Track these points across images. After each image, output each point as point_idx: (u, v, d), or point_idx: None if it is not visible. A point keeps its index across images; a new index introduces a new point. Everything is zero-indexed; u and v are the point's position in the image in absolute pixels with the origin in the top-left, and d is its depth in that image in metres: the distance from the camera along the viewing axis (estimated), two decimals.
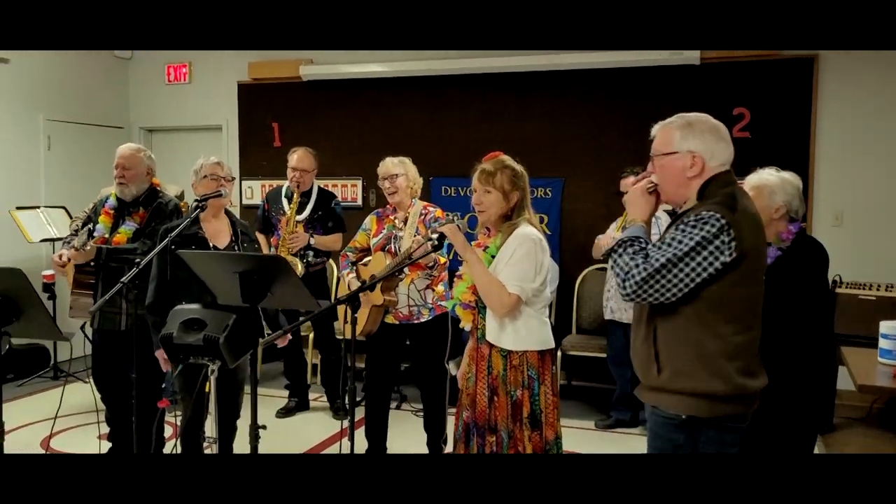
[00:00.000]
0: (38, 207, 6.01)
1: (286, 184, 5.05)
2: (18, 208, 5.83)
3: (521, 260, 2.77)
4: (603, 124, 5.78)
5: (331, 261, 5.35)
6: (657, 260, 2.05)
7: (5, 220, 5.60)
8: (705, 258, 2.02)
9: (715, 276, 2.04)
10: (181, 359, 2.75)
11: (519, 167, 2.89)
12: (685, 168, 2.15)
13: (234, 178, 3.66)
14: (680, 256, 2.03)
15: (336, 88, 6.47)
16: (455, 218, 2.96)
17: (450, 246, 2.88)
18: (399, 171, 3.92)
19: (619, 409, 4.90)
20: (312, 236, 4.93)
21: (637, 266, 2.07)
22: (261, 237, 4.92)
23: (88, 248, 3.55)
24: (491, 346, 2.87)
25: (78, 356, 4.14)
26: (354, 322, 2.59)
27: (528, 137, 5.80)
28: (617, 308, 4.76)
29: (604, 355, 5.08)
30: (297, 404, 5.24)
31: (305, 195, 5.02)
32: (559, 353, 5.21)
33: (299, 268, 4.80)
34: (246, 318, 2.70)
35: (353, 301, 2.57)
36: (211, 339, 2.65)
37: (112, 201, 3.87)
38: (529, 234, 2.80)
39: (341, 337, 5.25)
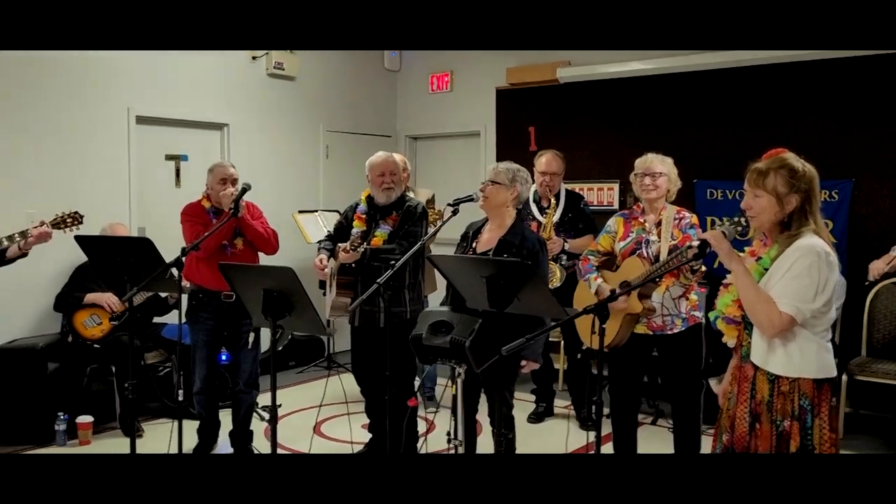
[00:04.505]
0: (317, 211, 6.59)
1: (533, 188, 5.00)
2: (300, 212, 6.44)
3: (799, 275, 2.39)
4: None
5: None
6: None
7: (289, 222, 6.21)
8: None
9: None
10: (430, 360, 2.81)
11: (802, 167, 2.48)
12: None
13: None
14: None
15: (593, 89, 6.33)
16: (730, 222, 2.64)
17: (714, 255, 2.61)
18: (662, 169, 3.67)
19: None
20: (566, 241, 4.83)
21: None
22: None
23: (361, 249, 3.76)
24: (756, 367, 2.56)
25: (348, 349, 4.45)
26: (602, 332, 2.44)
27: (809, 134, 5.22)
28: None
29: None
30: (545, 409, 5.19)
31: (553, 198, 4.94)
32: (843, 379, 4.60)
33: (558, 274, 4.72)
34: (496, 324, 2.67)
35: (601, 310, 2.42)
36: (457, 343, 2.67)
37: (363, 206, 4.08)
38: (813, 246, 2.40)
39: (587, 346, 5.11)
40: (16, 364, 4.66)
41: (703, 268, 3.46)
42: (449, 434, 3.18)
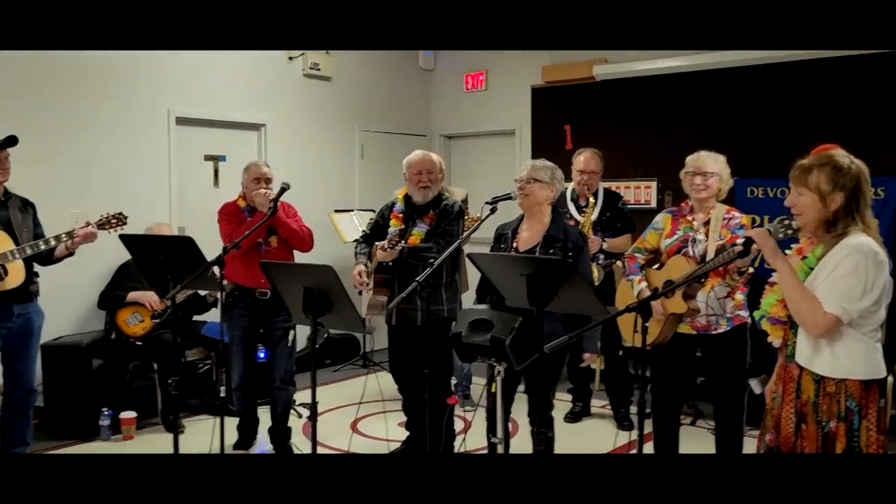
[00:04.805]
0: (352, 210, 6.63)
1: (570, 186, 4.97)
2: (336, 211, 6.48)
3: (846, 275, 2.34)
4: None
5: (618, 262, 5.19)
6: None
7: (325, 222, 6.26)
8: None
9: None
10: (470, 358, 2.81)
11: (848, 163, 2.41)
12: None
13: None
14: None
15: (630, 87, 6.28)
16: (778, 221, 2.59)
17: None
18: (714, 168, 3.60)
19: None
20: (604, 240, 4.80)
21: None
22: None
23: (399, 247, 3.78)
24: (802, 367, 2.52)
25: (384, 347, 4.47)
26: (645, 331, 2.42)
27: (855, 130, 5.12)
28: None
29: None
30: (582, 409, 5.17)
31: (592, 197, 4.91)
32: (889, 380, 4.50)
33: (595, 273, 4.68)
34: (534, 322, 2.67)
35: (644, 308, 2.40)
36: (497, 341, 2.67)
37: (400, 205, 4.09)
38: (860, 245, 2.34)
39: (628, 345, 5.07)
40: (62, 360, 4.77)
41: (752, 269, 3.40)
42: (489, 433, 3.17)
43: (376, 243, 4.01)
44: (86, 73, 5.25)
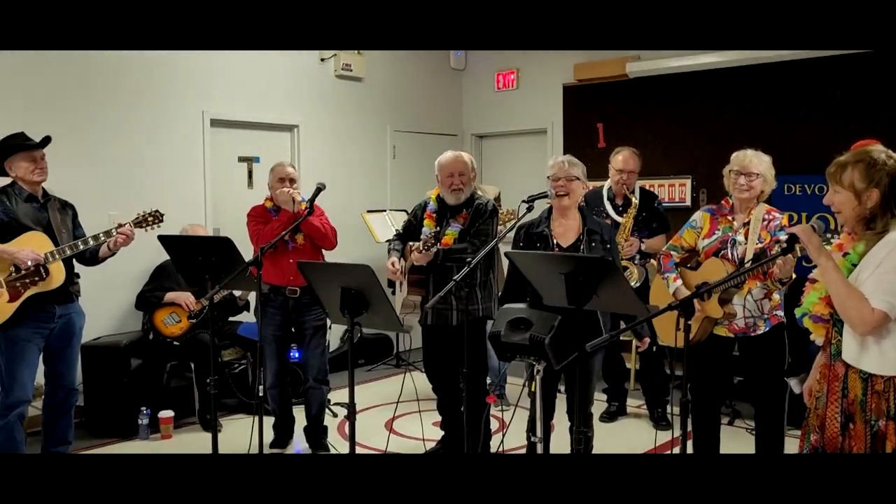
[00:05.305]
0: (385, 211, 6.65)
1: (605, 185, 4.92)
2: (368, 211, 6.50)
3: (892, 270, 2.28)
4: None
5: (652, 261, 5.14)
6: None
7: (358, 222, 6.28)
8: None
9: None
10: (509, 357, 2.80)
11: (884, 159, 2.35)
12: None
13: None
14: None
15: (663, 83, 6.22)
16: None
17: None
18: (760, 169, 3.54)
19: None
20: (643, 241, 4.75)
21: None
22: None
23: (434, 250, 3.78)
24: (848, 365, 2.47)
25: (417, 347, 4.47)
26: (688, 330, 2.39)
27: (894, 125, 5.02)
28: None
29: None
30: (618, 409, 5.13)
31: (627, 198, 4.87)
32: None
33: (636, 274, 4.64)
34: (575, 321, 2.65)
35: (687, 307, 2.37)
36: (536, 340, 2.65)
37: (433, 205, 4.08)
38: None
39: (663, 344, 5.01)
40: (102, 360, 4.84)
41: (794, 276, 3.32)
42: (529, 433, 3.16)
43: (410, 244, 4.01)
44: (122, 75, 5.32)
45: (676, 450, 2.73)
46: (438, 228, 4.00)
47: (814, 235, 2.45)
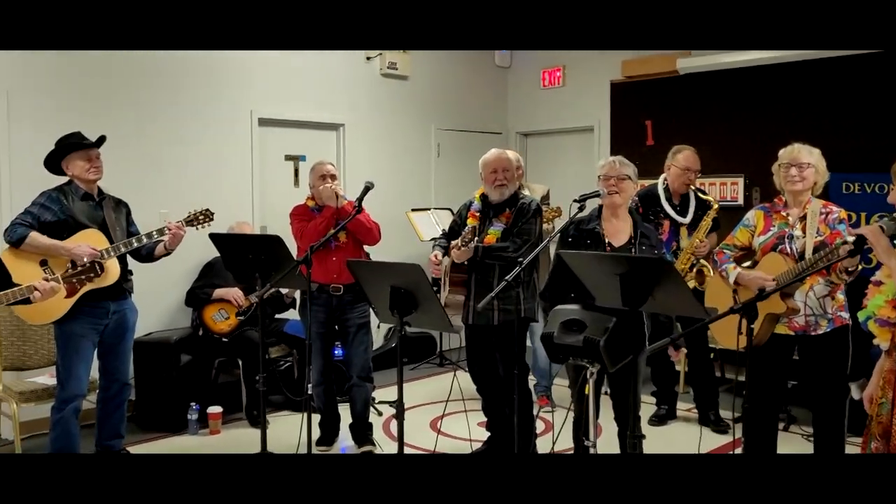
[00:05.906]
0: (429, 209, 6.64)
1: (660, 184, 4.83)
2: (413, 210, 6.50)
3: None
4: None
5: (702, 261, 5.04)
6: None
7: (402, 221, 6.27)
8: None
9: None
10: (561, 358, 2.76)
11: None
12: None
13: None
14: None
15: (715, 80, 6.09)
16: (889, 217, 2.45)
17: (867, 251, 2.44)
18: (810, 160, 3.46)
19: None
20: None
21: None
22: None
23: (472, 245, 3.76)
24: None
25: (458, 346, 4.44)
26: (751, 332, 2.33)
27: None
28: None
29: None
30: (667, 412, 5.04)
31: (684, 197, 4.77)
32: None
33: (711, 272, 4.55)
34: (629, 323, 2.60)
35: (750, 310, 2.30)
36: (591, 342, 2.61)
37: (477, 204, 4.06)
38: None
39: (715, 346, 4.91)
40: (152, 356, 4.92)
41: (861, 266, 3.23)
42: (581, 436, 3.11)
43: (453, 242, 3.99)
44: (173, 76, 5.39)
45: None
46: (478, 224, 3.99)
47: (882, 237, 2.38)
